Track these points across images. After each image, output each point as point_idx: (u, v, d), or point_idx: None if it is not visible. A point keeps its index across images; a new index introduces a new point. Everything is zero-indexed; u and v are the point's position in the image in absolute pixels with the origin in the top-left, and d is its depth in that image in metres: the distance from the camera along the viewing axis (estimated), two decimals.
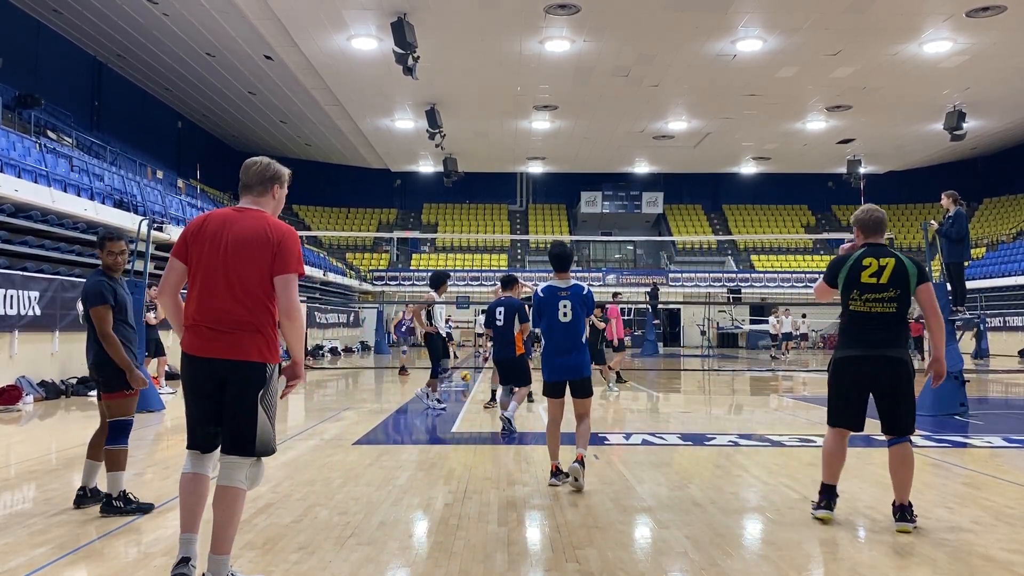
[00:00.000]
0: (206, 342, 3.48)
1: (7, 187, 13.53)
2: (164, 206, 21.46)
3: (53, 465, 6.75)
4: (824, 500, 4.83)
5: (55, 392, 12.45)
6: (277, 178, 3.72)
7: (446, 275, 11.10)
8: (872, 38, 21.60)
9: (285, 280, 3.48)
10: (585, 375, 5.87)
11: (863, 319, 4.71)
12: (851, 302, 4.76)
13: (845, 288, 4.79)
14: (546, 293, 5.94)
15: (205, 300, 3.51)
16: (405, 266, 40.42)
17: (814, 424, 9.44)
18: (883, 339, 4.67)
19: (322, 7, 19.80)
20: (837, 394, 4.83)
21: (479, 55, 23.18)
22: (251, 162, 3.72)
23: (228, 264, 3.48)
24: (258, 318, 3.49)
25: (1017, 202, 39.59)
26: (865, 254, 4.80)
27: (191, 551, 3.45)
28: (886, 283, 4.69)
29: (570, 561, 4.02)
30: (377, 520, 4.81)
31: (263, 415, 3.49)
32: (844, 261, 4.84)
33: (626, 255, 45.39)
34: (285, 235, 3.52)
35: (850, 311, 4.78)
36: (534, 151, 37.00)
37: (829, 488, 4.86)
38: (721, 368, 21.45)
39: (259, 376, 3.49)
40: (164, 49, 25.09)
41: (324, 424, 9.31)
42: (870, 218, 4.92)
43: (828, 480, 4.88)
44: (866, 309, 4.71)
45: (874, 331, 4.68)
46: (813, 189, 43.76)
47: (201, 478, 3.55)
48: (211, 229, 3.55)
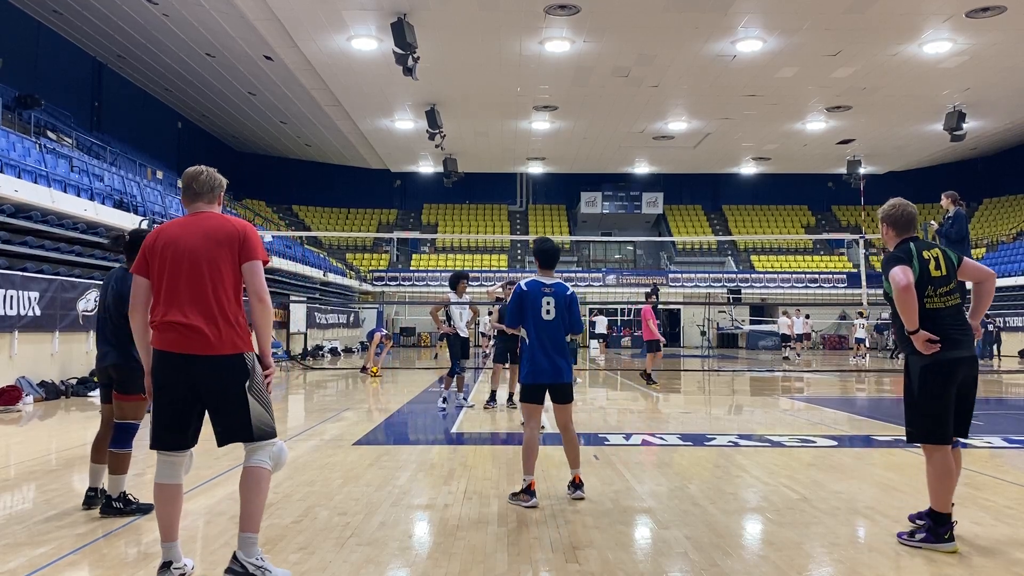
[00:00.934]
0: (181, 338, 3.56)
1: (7, 187, 13.53)
2: (164, 206, 21.46)
3: (53, 465, 6.75)
4: (946, 530, 4.24)
5: (55, 392, 12.45)
6: (221, 186, 3.94)
7: (461, 275, 10.99)
8: (872, 38, 21.60)
9: (253, 266, 3.69)
10: (568, 380, 5.53)
11: (941, 316, 4.35)
12: (927, 300, 4.36)
13: (919, 286, 4.35)
14: (530, 287, 5.54)
15: (174, 298, 3.61)
16: (405, 266, 40.42)
17: (814, 424, 9.44)
18: (971, 337, 4.40)
19: (322, 7, 19.80)
20: (941, 403, 4.31)
21: (479, 55, 23.18)
22: (196, 171, 3.91)
23: (197, 261, 3.63)
24: (229, 310, 3.63)
25: (1017, 202, 39.60)
26: (919, 247, 4.45)
27: (173, 555, 3.61)
28: (947, 274, 4.41)
29: (570, 561, 4.02)
30: (377, 520, 4.81)
31: (253, 402, 3.60)
32: (909, 258, 4.41)
33: (626, 255, 45.40)
34: (247, 228, 3.75)
35: (927, 309, 4.35)
36: (534, 151, 37.00)
37: (944, 517, 4.26)
38: (721, 368, 21.44)
39: (241, 366, 3.60)
40: (164, 49, 25.10)
41: (324, 424, 9.31)
42: (903, 214, 4.60)
43: (942, 508, 4.26)
44: (942, 304, 4.37)
45: (958, 328, 4.36)
46: (813, 189, 43.77)
47: (175, 488, 3.66)
48: (170, 235, 3.72)
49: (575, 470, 5.51)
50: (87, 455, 5.12)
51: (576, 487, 5.44)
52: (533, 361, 5.48)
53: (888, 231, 4.63)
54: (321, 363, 23.50)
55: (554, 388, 5.51)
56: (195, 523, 4.75)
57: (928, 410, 4.35)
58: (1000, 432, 8.69)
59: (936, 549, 4.22)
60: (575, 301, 5.63)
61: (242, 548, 3.56)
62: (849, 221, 43.32)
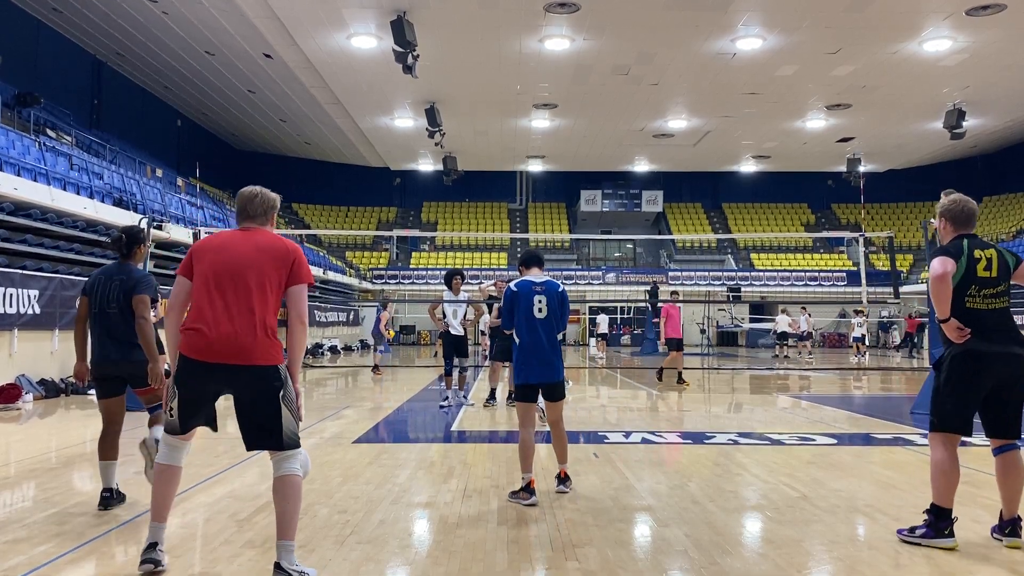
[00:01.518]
0: (215, 346, 3.58)
1: (6, 185, 13.51)
2: (164, 204, 21.45)
3: (53, 464, 6.75)
4: (946, 525, 4.23)
5: (55, 391, 12.45)
6: (275, 207, 3.97)
7: (455, 272, 11.04)
8: (872, 37, 21.59)
9: (300, 289, 3.76)
10: (560, 378, 5.51)
11: (982, 317, 4.25)
12: (968, 299, 4.27)
13: (961, 284, 4.25)
14: (520, 287, 5.55)
15: (213, 305, 3.64)
16: (405, 264, 40.42)
17: (814, 423, 9.45)
18: (1016, 338, 4.29)
19: (322, 5, 19.79)
20: (962, 391, 4.28)
21: (479, 53, 23.16)
22: (251, 193, 3.91)
23: (243, 271, 3.66)
24: (268, 322, 3.67)
25: (1017, 200, 39.59)
26: (973, 245, 4.33)
27: (159, 536, 3.69)
28: (997, 277, 4.30)
29: (570, 560, 4.02)
30: (377, 518, 4.81)
31: (286, 412, 3.65)
32: (957, 254, 4.32)
33: (626, 253, 45.40)
34: (298, 251, 3.80)
35: (966, 309, 4.26)
36: (534, 149, 36.99)
37: (946, 512, 4.24)
38: (721, 367, 21.45)
39: (275, 377, 3.64)
40: (164, 48, 25.08)
41: (324, 422, 9.31)
42: (962, 210, 4.46)
43: (945, 503, 4.25)
44: (985, 306, 4.26)
45: (1001, 331, 4.26)
46: (813, 187, 43.76)
47: (175, 469, 3.76)
48: (218, 242, 3.77)
49: (562, 465, 5.59)
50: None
51: (562, 481, 5.52)
52: (525, 362, 5.47)
53: (946, 225, 4.50)
54: (321, 361, 23.51)
55: (547, 386, 5.52)
56: (195, 520, 4.76)
57: (947, 396, 4.29)
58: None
59: (935, 545, 4.19)
60: (566, 298, 5.64)
61: (283, 557, 3.58)
62: (849, 219, 43.33)
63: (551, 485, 5.71)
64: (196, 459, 6.35)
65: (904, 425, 9.21)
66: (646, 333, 30.37)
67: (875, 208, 43.94)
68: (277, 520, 3.62)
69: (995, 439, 4.31)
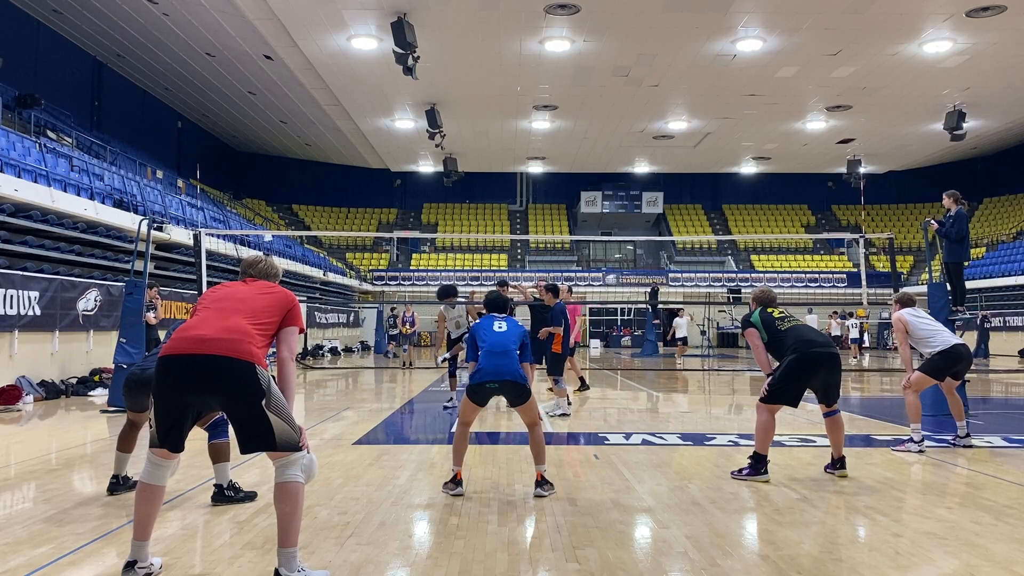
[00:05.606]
0: (198, 344, 3.58)
1: (7, 187, 13.53)
2: (164, 206, 21.45)
3: (53, 465, 6.75)
4: (763, 466, 5.47)
5: (55, 392, 12.45)
6: (278, 275, 4.20)
7: (449, 290, 11.22)
8: (872, 38, 21.61)
9: (292, 331, 3.89)
10: (511, 377, 5.49)
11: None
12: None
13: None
14: (482, 320, 5.87)
15: (203, 316, 3.74)
16: (405, 266, 40.42)
17: (814, 424, 9.44)
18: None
19: (322, 7, 19.80)
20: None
21: (479, 55, 23.18)
22: (256, 260, 4.19)
23: (242, 301, 3.81)
24: (253, 335, 3.68)
25: (1017, 202, 39.60)
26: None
27: (140, 555, 3.63)
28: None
29: (570, 561, 4.02)
30: (377, 520, 4.81)
31: (274, 417, 3.58)
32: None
33: (626, 255, 45.40)
34: (295, 301, 3.98)
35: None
36: (534, 151, 37.00)
37: (763, 457, 5.74)
38: (721, 368, 21.45)
39: (255, 378, 3.55)
40: (164, 49, 25.10)
41: (324, 424, 9.31)
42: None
43: (764, 451, 5.60)
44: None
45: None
46: (813, 189, 43.78)
47: (158, 490, 3.69)
48: (221, 289, 3.98)
49: (538, 467, 5.55)
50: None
51: (539, 484, 5.50)
52: (478, 366, 5.60)
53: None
54: (321, 362, 23.51)
55: (503, 387, 5.52)
56: (195, 522, 4.76)
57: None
58: (1000, 432, 8.69)
59: (756, 480, 5.79)
60: (527, 335, 5.79)
61: (283, 564, 3.54)
62: (849, 220, 43.33)
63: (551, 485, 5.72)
64: (196, 460, 6.35)
65: (904, 426, 9.20)
66: (646, 335, 30.36)
67: (875, 209, 43.95)
68: (278, 527, 3.60)
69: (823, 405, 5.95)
